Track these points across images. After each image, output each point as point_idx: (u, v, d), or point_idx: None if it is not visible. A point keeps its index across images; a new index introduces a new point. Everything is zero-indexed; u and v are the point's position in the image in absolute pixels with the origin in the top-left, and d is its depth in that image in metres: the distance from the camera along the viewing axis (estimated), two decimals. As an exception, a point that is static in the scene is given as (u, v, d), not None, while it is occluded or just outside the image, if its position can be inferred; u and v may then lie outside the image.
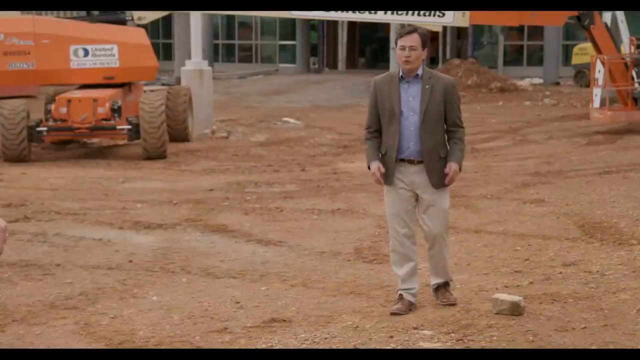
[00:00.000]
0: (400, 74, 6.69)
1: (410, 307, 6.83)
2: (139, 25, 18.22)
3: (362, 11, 16.66)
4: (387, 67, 30.74)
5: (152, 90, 21.66)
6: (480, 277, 7.87)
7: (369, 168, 6.82)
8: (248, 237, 9.68)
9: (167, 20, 37.31)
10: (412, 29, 6.65)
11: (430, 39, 35.63)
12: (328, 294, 7.49)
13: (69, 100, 16.04)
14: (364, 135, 6.92)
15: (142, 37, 17.47)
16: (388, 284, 7.65)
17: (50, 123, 16.13)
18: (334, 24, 38.89)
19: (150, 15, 19.11)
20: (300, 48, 38.26)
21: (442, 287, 6.97)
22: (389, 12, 16.60)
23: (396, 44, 6.68)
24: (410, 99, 6.65)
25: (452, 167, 6.72)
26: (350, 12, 16.84)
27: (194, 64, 20.50)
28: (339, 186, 12.83)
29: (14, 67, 16.28)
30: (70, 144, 17.80)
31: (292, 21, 36.40)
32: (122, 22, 18.19)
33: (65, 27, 17.10)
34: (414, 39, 6.58)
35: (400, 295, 6.87)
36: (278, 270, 8.29)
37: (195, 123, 19.23)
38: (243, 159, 16.09)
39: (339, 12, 16.94)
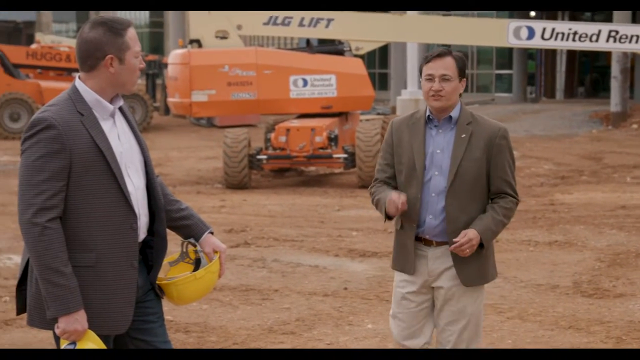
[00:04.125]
0: (427, 114, 4.72)
1: None
2: (356, 56, 18.44)
3: (582, 39, 16.26)
4: (607, 97, 29.87)
5: (367, 120, 21.91)
6: None
7: (386, 216, 4.71)
8: (463, 268, 9.59)
9: (384, 50, 37.71)
10: (443, 51, 4.65)
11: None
12: (545, 328, 7.33)
13: (288, 129, 16.42)
14: (369, 190, 4.89)
15: (359, 67, 17.70)
16: (609, 319, 7.41)
17: (270, 151, 16.55)
18: (552, 53, 38.20)
19: (367, 46, 19.35)
20: (517, 77, 37.77)
21: None
22: (611, 40, 16.13)
23: (421, 72, 4.71)
24: (437, 152, 4.65)
25: (468, 234, 4.55)
26: (570, 40, 16.48)
27: (409, 93, 20.66)
28: (557, 217, 12.54)
29: (237, 97, 16.83)
30: (288, 172, 18.23)
31: (509, 50, 36.01)
32: (340, 53, 18.44)
33: (285, 57, 17.55)
34: (446, 65, 4.60)
35: None
36: (494, 302, 8.17)
37: (410, 152, 19.26)
38: (458, 189, 16.00)
39: (558, 41, 16.62)
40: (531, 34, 16.67)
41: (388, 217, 4.71)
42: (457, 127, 4.65)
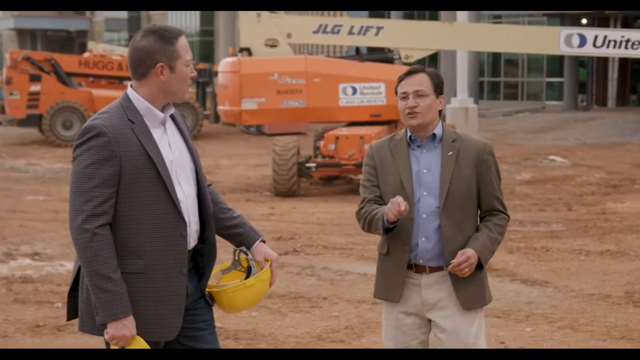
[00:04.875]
0: (409, 134, 4.56)
1: None
2: (405, 64, 18.42)
3: (635, 47, 16.09)
4: (660, 104, 29.49)
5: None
6: None
7: (384, 231, 4.48)
8: (512, 277, 9.53)
9: (433, 58, 37.63)
10: (415, 68, 4.56)
11: None
12: (597, 338, 7.25)
13: (337, 137, 16.43)
14: (357, 212, 4.64)
15: (409, 76, 17.66)
16: (661, 330, 7.31)
17: (319, 159, 16.57)
18: (604, 60, 37.88)
19: (417, 54, 19.32)
20: (568, 85, 37.49)
21: None
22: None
23: (397, 92, 4.57)
24: (424, 171, 4.48)
25: (467, 252, 4.37)
26: (622, 48, 16.31)
27: (459, 101, 20.59)
28: (608, 227, 12.41)
29: (287, 105, 16.87)
30: (337, 180, 18.23)
31: (560, 58, 35.74)
32: (390, 61, 18.41)
33: (334, 65, 17.57)
34: (419, 81, 4.49)
35: None
36: (544, 312, 8.11)
37: (459, 160, 19.17)
38: (507, 197, 15.90)
39: (610, 48, 16.46)
40: (583, 41, 16.54)
41: (386, 230, 4.46)
42: (443, 145, 4.51)
